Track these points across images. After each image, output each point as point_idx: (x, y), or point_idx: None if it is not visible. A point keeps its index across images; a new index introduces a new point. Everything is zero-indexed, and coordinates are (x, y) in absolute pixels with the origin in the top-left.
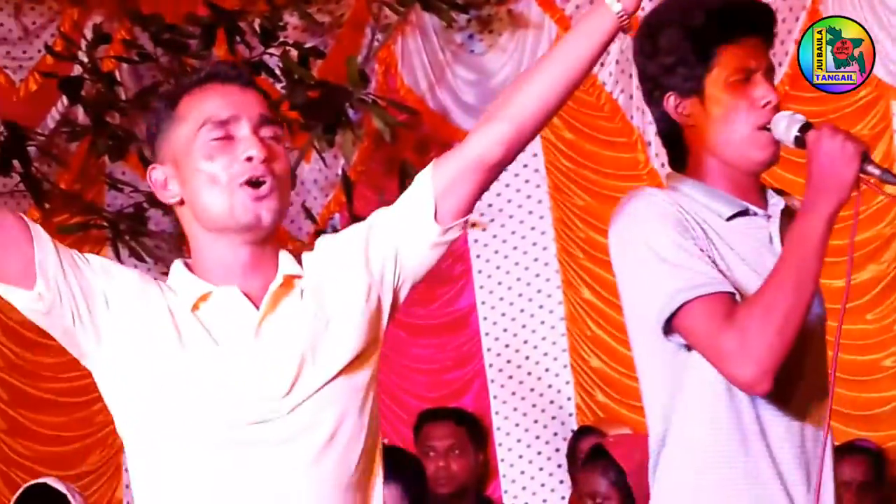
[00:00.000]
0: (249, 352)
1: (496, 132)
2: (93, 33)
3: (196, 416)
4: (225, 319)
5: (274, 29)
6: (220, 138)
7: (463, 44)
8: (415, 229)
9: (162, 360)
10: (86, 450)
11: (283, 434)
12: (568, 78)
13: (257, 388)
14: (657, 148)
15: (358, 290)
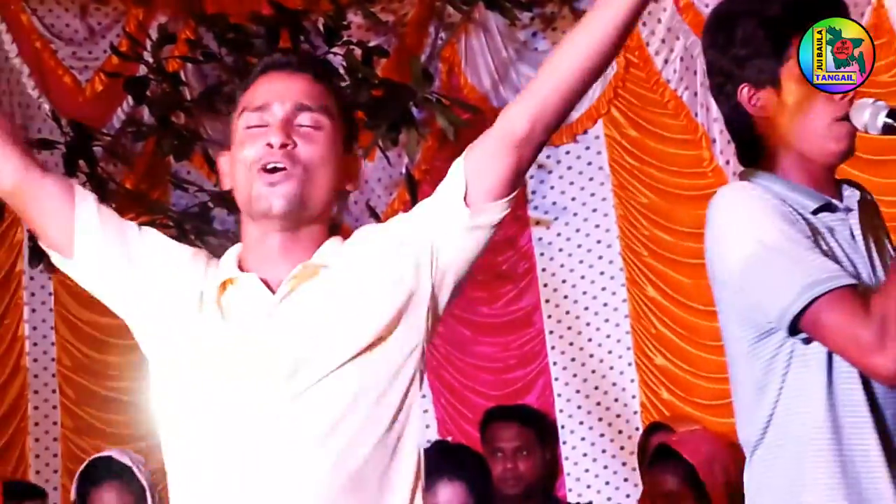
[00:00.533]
0: (259, 333)
1: (522, 107)
2: (158, 33)
3: (203, 391)
4: (243, 303)
5: (338, 28)
6: (253, 126)
7: (526, 42)
8: (446, 215)
9: (181, 331)
10: (151, 449)
11: (286, 415)
12: (594, 50)
13: (263, 368)
14: (722, 145)
15: (384, 280)
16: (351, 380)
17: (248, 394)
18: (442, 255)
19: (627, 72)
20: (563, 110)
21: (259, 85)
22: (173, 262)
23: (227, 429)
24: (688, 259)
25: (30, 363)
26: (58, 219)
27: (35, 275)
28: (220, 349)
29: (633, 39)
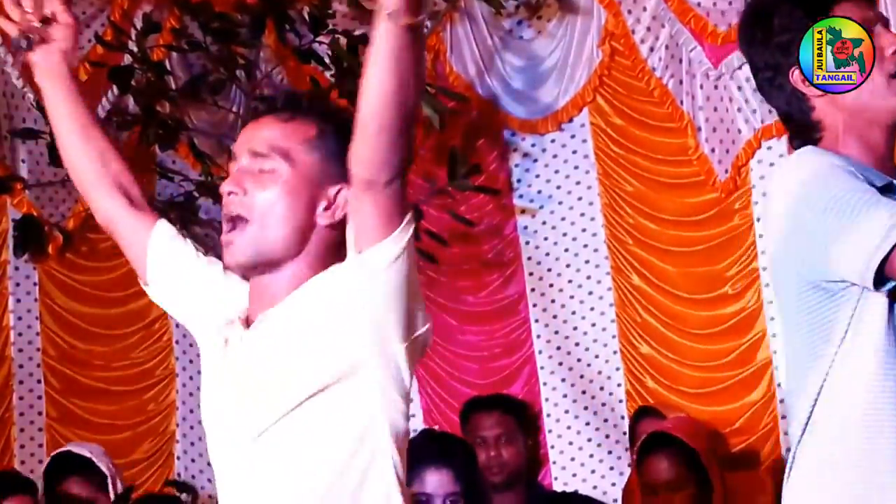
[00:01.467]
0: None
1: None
2: (142, 23)
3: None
4: (233, 338)
5: (323, 17)
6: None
7: (512, 30)
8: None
9: (206, 359)
10: (138, 438)
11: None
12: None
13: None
14: (707, 133)
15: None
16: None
17: (234, 418)
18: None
19: (612, 60)
20: (390, 148)
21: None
22: (224, 294)
23: (222, 444)
24: (673, 247)
25: (14, 353)
26: (137, 248)
27: (20, 265)
28: (220, 378)
29: (619, 27)
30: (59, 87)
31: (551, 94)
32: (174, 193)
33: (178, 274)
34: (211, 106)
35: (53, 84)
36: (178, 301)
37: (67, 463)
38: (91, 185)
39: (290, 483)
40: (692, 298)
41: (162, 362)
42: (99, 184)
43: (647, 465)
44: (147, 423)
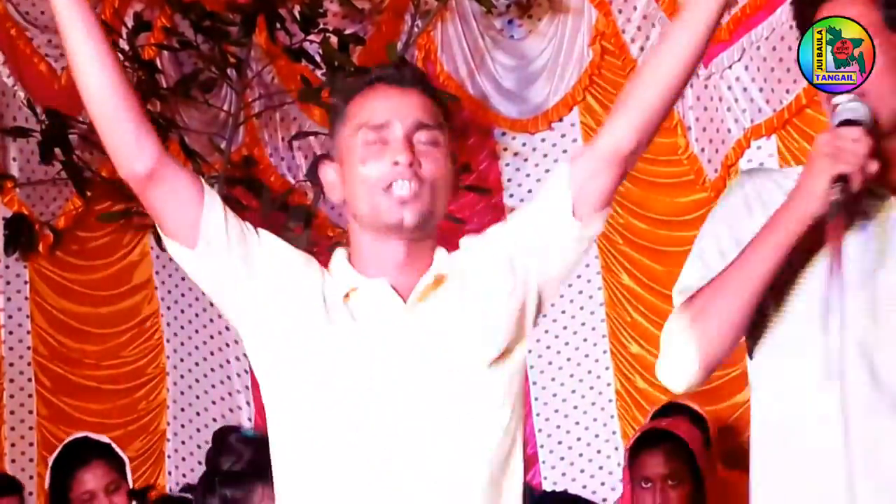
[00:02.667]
0: (394, 339)
1: (626, 121)
2: (133, 21)
3: (337, 393)
4: (373, 309)
5: (314, 16)
6: (373, 142)
7: (502, 29)
8: (555, 228)
9: (309, 337)
10: (129, 436)
11: (423, 418)
12: (695, 48)
13: (398, 371)
14: (697, 133)
15: (502, 291)
16: (483, 385)
17: (386, 394)
18: (550, 267)
19: (603, 59)
20: (663, 118)
21: (373, 99)
22: (293, 268)
23: (364, 428)
24: (663, 247)
25: (5, 351)
26: (185, 209)
27: (10, 263)
28: (352, 353)
29: (609, 27)
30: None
31: (542, 94)
32: None
33: (236, 245)
34: (202, 104)
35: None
36: (233, 276)
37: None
38: (132, 131)
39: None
40: None
41: (153, 361)
42: (141, 128)
43: (643, 459)
44: (138, 422)
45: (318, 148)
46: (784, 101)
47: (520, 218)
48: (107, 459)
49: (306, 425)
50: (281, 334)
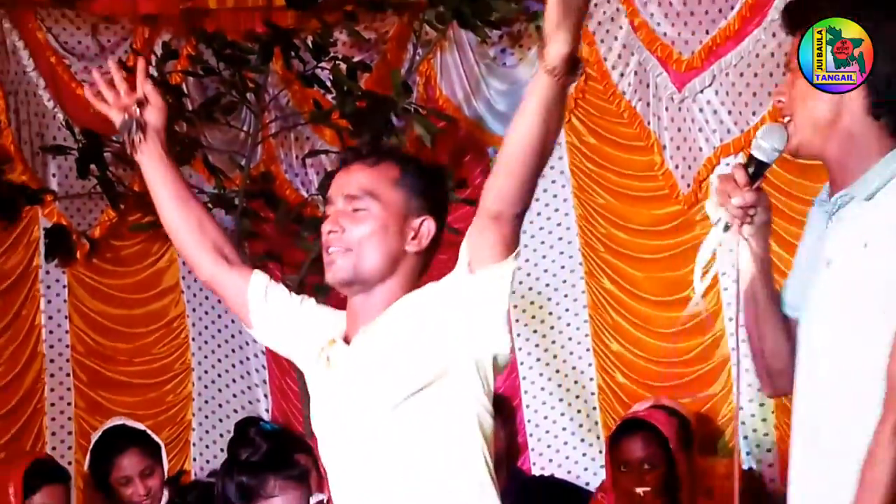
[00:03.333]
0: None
1: (491, 189)
2: (162, 50)
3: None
4: (335, 356)
5: (325, 45)
6: (326, 215)
7: (496, 57)
8: (458, 284)
9: (310, 380)
10: (157, 426)
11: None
12: (525, 139)
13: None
14: (671, 151)
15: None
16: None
17: (343, 423)
18: (469, 312)
19: (586, 84)
20: (525, 185)
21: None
22: (319, 324)
23: (334, 447)
24: (641, 254)
25: (46, 349)
26: (239, 300)
27: (51, 269)
28: (326, 392)
29: (592, 55)
30: (158, 164)
31: None
32: None
33: (278, 316)
34: (224, 125)
35: (154, 162)
36: (280, 338)
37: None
38: (193, 250)
39: (397, 474)
40: (658, 301)
41: (179, 357)
42: (201, 248)
43: (622, 445)
44: (166, 413)
45: (329, 165)
46: (750, 123)
47: (446, 282)
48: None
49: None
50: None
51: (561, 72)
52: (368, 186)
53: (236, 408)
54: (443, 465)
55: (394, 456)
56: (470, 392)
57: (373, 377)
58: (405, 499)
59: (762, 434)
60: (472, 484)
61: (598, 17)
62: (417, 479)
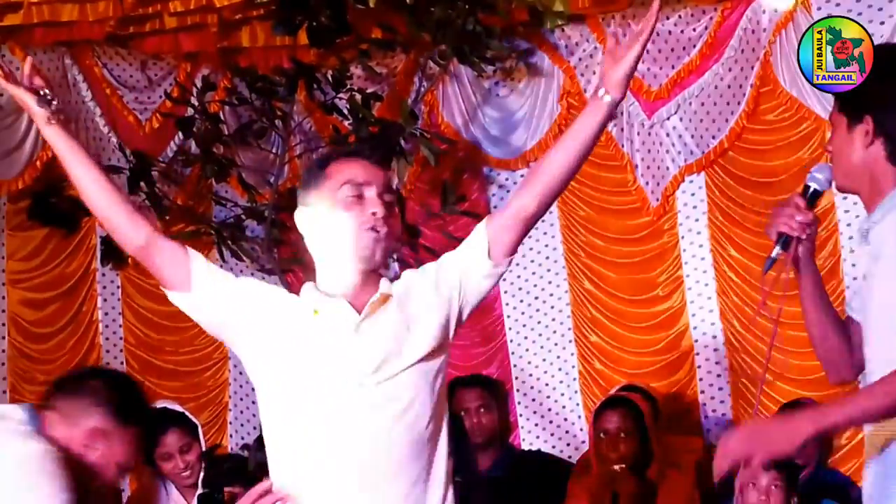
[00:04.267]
0: (350, 342)
1: (532, 191)
2: (202, 83)
3: (310, 384)
4: (335, 321)
5: (343, 78)
6: (355, 195)
7: (490, 89)
8: (474, 264)
9: (288, 346)
10: (199, 408)
11: (371, 401)
12: (579, 151)
13: (354, 366)
14: (642, 170)
15: (431, 307)
16: (416, 376)
17: (341, 384)
18: (467, 293)
19: (569, 112)
20: (560, 191)
21: (354, 166)
22: (269, 296)
23: (326, 410)
24: (616, 259)
25: (102, 341)
26: (177, 265)
27: (106, 272)
28: (318, 354)
29: (574, 87)
30: (70, 135)
31: (521, 140)
32: (227, 216)
33: (222, 283)
34: (255, 148)
35: (66, 132)
36: (219, 303)
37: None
38: (127, 218)
39: (403, 419)
40: (631, 299)
41: (217, 348)
42: (134, 216)
43: (603, 416)
44: (206, 397)
45: None
46: (710, 145)
47: (449, 257)
48: (181, 426)
49: (289, 414)
50: (266, 344)
51: (616, 104)
52: (390, 185)
53: None
54: (436, 418)
55: (402, 403)
56: (447, 356)
57: (399, 336)
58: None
59: (720, 414)
60: (446, 438)
61: (578, 54)
62: (417, 427)
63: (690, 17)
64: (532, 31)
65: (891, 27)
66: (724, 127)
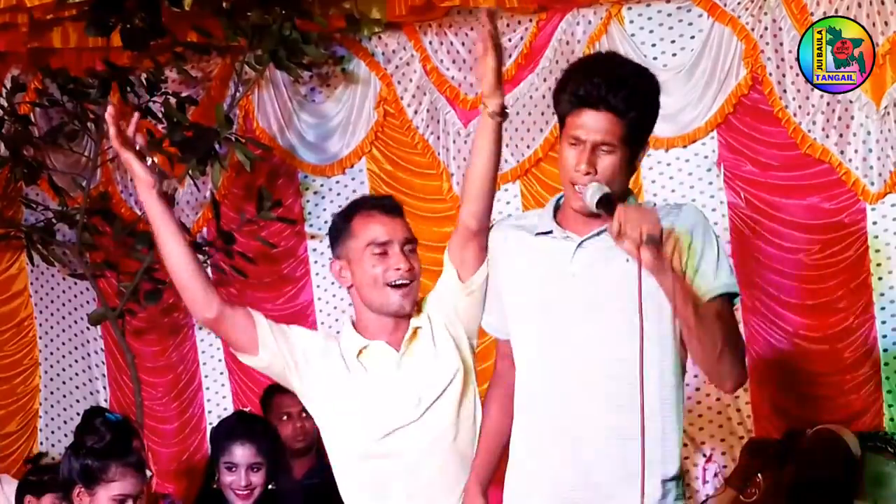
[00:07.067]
0: (393, 378)
1: (466, 210)
2: (11, 83)
3: (361, 423)
4: (377, 361)
5: (157, 82)
6: (379, 253)
7: (306, 95)
8: (454, 293)
9: (337, 387)
10: (8, 416)
11: (417, 426)
12: (487, 162)
13: (398, 399)
14: (458, 178)
15: (450, 338)
16: (450, 400)
17: (388, 417)
18: (463, 316)
19: (385, 120)
20: (489, 198)
21: (376, 224)
22: (319, 343)
23: (380, 437)
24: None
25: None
26: (246, 332)
27: None
28: (365, 393)
29: (391, 94)
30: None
31: (337, 146)
32: (37, 220)
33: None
34: (67, 151)
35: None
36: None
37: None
38: (203, 289)
39: (445, 443)
40: None
41: (28, 354)
42: (209, 288)
43: None
44: (16, 404)
45: None
46: (525, 155)
47: (436, 293)
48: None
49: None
50: (318, 389)
51: (500, 117)
52: (410, 233)
53: (79, 398)
54: (468, 434)
55: (444, 428)
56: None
57: (429, 369)
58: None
59: None
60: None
61: (395, 61)
62: (458, 448)
63: (506, 27)
64: (349, 38)
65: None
66: (538, 137)
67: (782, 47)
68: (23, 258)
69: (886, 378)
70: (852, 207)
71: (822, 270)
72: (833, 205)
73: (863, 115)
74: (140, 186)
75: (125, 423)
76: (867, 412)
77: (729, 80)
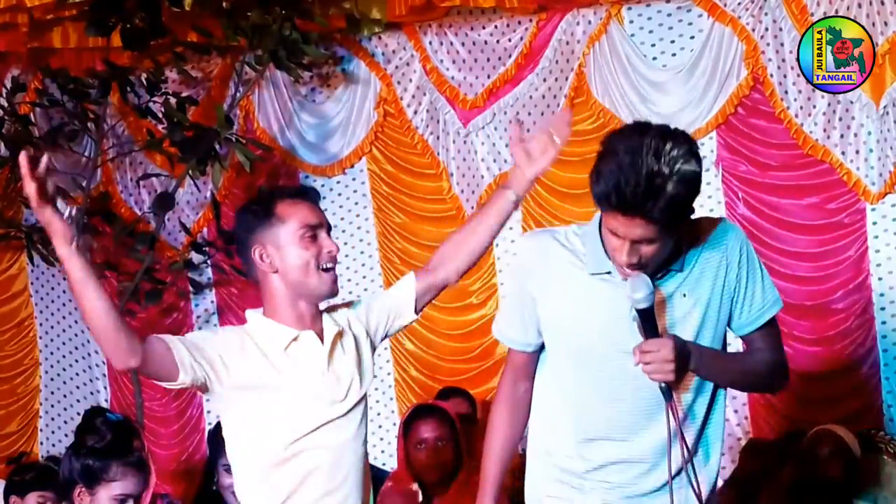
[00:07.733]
0: (321, 373)
1: (456, 268)
2: (11, 83)
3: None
4: (307, 352)
5: (157, 82)
6: (310, 237)
7: (307, 95)
8: (401, 314)
9: (265, 383)
10: (8, 416)
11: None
12: (488, 233)
13: (327, 395)
14: (457, 178)
15: (367, 343)
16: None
17: (317, 412)
18: (387, 332)
19: (385, 120)
20: (475, 264)
21: (304, 208)
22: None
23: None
24: None
25: None
26: (166, 365)
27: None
28: (296, 385)
29: (390, 95)
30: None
31: (337, 146)
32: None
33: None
34: (67, 151)
35: (84, 256)
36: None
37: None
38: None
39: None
40: (446, 307)
41: (28, 354)
42: (130, 335)
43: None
44: (17, 404)
45: (159, 186)
46: None
47: (378, 302)
48: None
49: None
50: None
51: (521, 199)
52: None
53: (79, 398)
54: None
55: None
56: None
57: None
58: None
59: None
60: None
61: (395, 62)
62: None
63: (506, 27)
64: (349, 38)
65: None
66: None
67: (783, 48)
68: (23, 258)
69: (886, 378)
70: (852, 207)
71: (821, 271)
72: (833, 205)
73: (863, 115)
74: (58, 242)
75: (126, 423)
76: (867, 412)
77: (730, 80)
